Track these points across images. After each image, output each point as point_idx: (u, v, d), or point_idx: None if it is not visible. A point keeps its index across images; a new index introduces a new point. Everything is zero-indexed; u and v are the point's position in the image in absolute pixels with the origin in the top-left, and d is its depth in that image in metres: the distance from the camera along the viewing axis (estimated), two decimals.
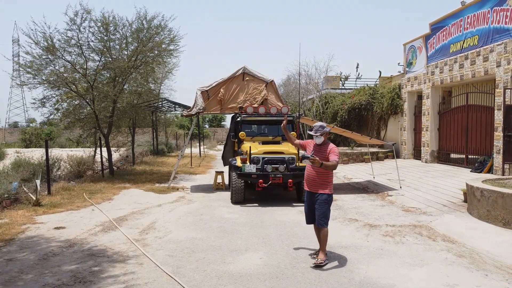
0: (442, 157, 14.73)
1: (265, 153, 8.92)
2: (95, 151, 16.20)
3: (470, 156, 13.15)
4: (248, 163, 8.66)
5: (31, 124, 54.52)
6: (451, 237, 5.97)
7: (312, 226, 5.23)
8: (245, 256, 5.11)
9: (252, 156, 8.75)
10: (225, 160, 11.37)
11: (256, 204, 8.78)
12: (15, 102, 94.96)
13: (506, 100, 10.46)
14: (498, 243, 5.59)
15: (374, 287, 4.14)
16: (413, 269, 4.66)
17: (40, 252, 5.25)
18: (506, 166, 10.46)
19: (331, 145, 4.90)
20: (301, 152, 7.07)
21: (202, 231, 6.45)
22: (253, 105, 10.49)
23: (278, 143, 9.98)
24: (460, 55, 12.87)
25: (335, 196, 7.73)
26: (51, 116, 13.20)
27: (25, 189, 8.71)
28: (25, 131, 37.88)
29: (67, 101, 12.88)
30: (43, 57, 11.56)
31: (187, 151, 19.83)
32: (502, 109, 10.61)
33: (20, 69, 11.97)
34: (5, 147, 26.59)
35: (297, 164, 8.79)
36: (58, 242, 5.72)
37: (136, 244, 5.61)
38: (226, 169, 11.95)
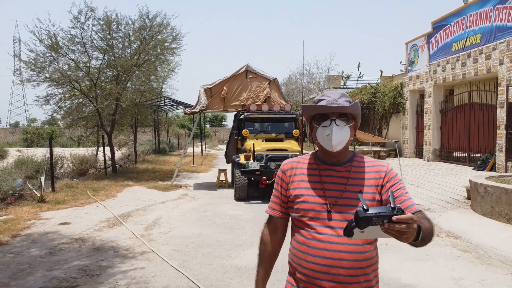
0: (444, 155, 14.74)
1: (268, 150, 8.95)
2: (97, 150, 16.23)
3: (472, 155, 13.16)
4: (252, 160, 8.69)
5: (32, 124, 54.62)
6: (455, 233, 5.99)
7: None
8: (250, 251, 5.13)
9: (255, 153, 8.79)
10: (228, 157, 11.39)
11: (260, 201, 8.80)
12: (16, 102, 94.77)
13: (509, 98, 10.48)
14: (502, 238, 5.61)
15: (379, 280, 4.17)
16: (418, 264, 4.69)
17: (46, 247, 5.28)
18: (509, 163, 10.48)
19: (379, 164, 1.69)
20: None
21: (206, 227, 6.48)
22: (256, 103, 10.52)
23: (281, 140, 10.01)
24: (462, 53, 12.88)
25: None
26: (54, 114, 13.25)
27: (29, 186, 8.74)
28: (27, 131, 37.93)
29: (70, 99, 12.94)
30: (47, 55, 11.61)
31: (189, 150, 19.87)
32: (504, 107, 10.63)
33: (23, 67, 12.01)
34: (7, 147, 26.64)
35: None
36: (64, 237, 5.75)
37: (142, 239, 5.63)
38: (229, 167, 11.98)
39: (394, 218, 1.17)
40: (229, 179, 11.37)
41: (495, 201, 6.41)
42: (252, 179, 8.95)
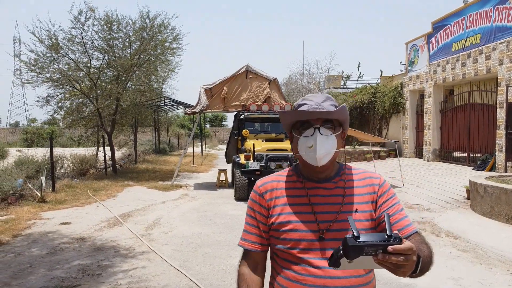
0: (444, 155, 14.76)
1: (268, 150, 8.98)
2: (97, 150, 16.25)
3: (472, 155, 13.18)
4: (252, 160, 8.71)
5: (32, 124, 54.65)
6: (454, 233, 6.00)
7: None
8: None
9: (255, 153, 8.81)
10: (228, 157, 11.41)
11: None
12: (16, 102, 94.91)
13: (508, 98, 10.50)
14: (501, 238, 5.63)
15: (379, 280, 4.18)
16: None
17: (47, 247, 5.30)
18: (509, 163, 10.50)
19: (371, 175, 1.45)
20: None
21: (207, 226, 6.49)
22: (256, 103, 10.54)
23: (281, 140, 10.04)
24: (462, 53, 12.90)
25: None
26: (55, 115, 13.30)
27: (30, 185, 8.76)
28: (27, 131, 37.97)
29: (70, 99, 12.98)
30: (47, 55, 11.64)
31: (189, 150, 19.90)
32: (504, 107, 10.65)
33: (23, 67, 12.05)
34: (7, 147, 26.67)
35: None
36: (64, 237, 5.77)
37: (142, 239, 5.65)
38: (229, 167, 12.00)
39: (389, 248, 0.98)
40: (229, 179, 11.39)
41: (494, 201, 6.42)
42: (252, 179, 8.97)
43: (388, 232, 1.00)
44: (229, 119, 62.62)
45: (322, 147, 1.30)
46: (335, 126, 1.35)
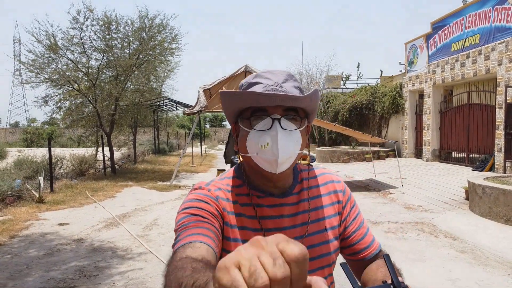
0: (443, 156, 14.75)
1: None
2: (96, 150, 16.25)
3: (471, 155, 13.18)
4: None
5: (32, 124, 54.63)
6: (453, 234, 5.99)
7: None
8: None
9: None
10: (227, 158, 11.38)
11: None
12: (16, 102, 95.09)
13: (507, 98, 10.49)
14: (500, 239, 5.62)
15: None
16: (415, 264, 4.69)
17: (44, 248, 5.29)
18: (508, 164, 10.49)
19: (332, 178, 1.14)
20: None
21: None
22: None
23: None
24: (461, 54, 12.89)
25: None
26: (54, 115, 13.30)
27: (28, 186, 8.75)
28: (27, 131, 37.99)
29: (69, 100, 12.98)
30: (46, 55, 11.63)
31: (189, 150, 19.89)
32: (503, 107, 10.64)
33: (22, 67, 12.04)
34: (7, 147, 26.67)
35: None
36: (62, 238, 5.76)
37: (140, 240, 5.64)
38: (228, 167, 11.98)
39: None
40: None
41: (493, 202, 6.41)
42: None
43: (395, 284, 0.80)
44: None
45: (284, 147, 0.91)
46: (301, 118, 0.97)
